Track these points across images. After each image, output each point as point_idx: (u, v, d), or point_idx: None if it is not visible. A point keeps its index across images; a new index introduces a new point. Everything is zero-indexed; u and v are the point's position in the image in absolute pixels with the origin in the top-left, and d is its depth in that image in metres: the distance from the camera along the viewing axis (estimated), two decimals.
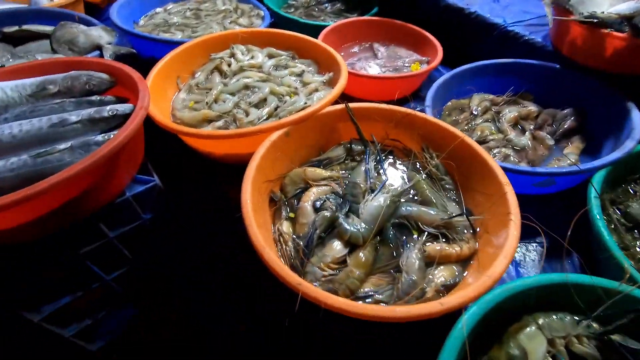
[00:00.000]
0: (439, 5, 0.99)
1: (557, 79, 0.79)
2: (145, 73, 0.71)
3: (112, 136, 0.54)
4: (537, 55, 0.82)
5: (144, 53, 0.91)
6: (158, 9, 1.07)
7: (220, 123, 0.71)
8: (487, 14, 0.91)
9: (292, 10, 1.21)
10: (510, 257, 0.45)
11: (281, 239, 0.57)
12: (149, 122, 0.65)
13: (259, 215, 0.54)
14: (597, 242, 0.51)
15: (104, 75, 0.67)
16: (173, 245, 0.71)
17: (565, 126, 0.75)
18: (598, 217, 0.52)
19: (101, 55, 0.79)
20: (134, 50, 0.85)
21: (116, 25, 0.90)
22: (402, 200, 0.60)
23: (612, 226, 0.57)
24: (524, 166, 0.66)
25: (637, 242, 0.55)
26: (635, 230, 0.57)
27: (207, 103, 0.74)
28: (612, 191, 0.62)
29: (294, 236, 0.57)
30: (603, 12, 0.67)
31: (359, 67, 0.95)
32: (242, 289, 0.71)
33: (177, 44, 0.81)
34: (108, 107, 0.62)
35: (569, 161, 0.67)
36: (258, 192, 0.56)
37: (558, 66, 0.78)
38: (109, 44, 0.82)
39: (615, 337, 0.40)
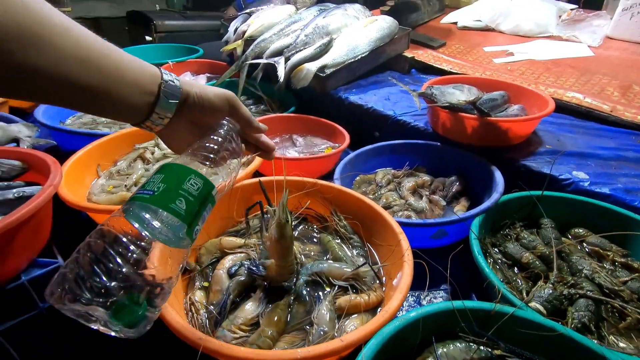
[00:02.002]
0: (344, 103, 1.19)
1: (441, 153, 0.95)
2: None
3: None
4: (423, 136, 1.00)
5: (68, 147, 0.92)
6: None
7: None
8: (381, 108, 1.11)
9: None
10: (404, 291, 0.49)
11: (192, 308, 0.55)
12: (61, 207, 0.65)
13: None
14: (481, 276, 0.58)
15: (15, 162, 0.68)
16: (74, 339, 0.64)
17: (453, 190, 0.88)
18: (478, 253, 0.60)
19: (17, 146, 0.80)
20: (54, 142, 0.87)
21: (40, 122, 0.93)
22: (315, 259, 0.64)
23: (497, 266, 0.65)
24: (417, 219, 0.74)
25: (518, 276, 0.63)
26: (515, 267, 0.66)
27: (125, 186, 0.76)
28: (492, 236, 0.72)
29: (207, 305, 0.56)
30: (459, 100, 0.87)
31: (280, 154, 1.06)
32: None
33: (99, 135, 0.86)
34: (14, 190, 0.61)
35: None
36: None
37: (439, 144, 0.95)
38: (29, 137, 0.84)
39: (501, 352, 0.44)
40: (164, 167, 0.38)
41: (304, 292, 0.58)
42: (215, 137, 0.42)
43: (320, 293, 0.58)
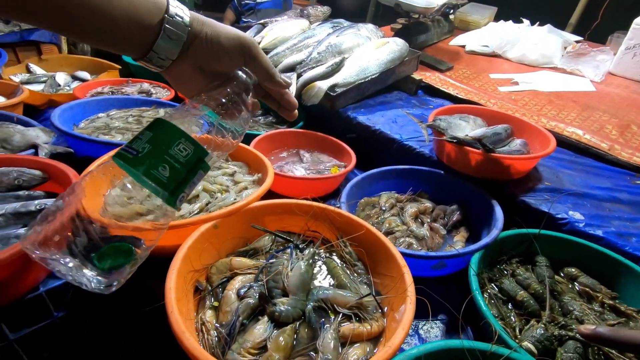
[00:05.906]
0: (351, 122, 1.22)
1: (443, 181, 0.99)
2: (82, 172, 0.75)
3: None
4: (427, 163, 1.03)
5: (82, 153, 0.94)
6: (101, 114, 1.15)
7: (150, 217, 0.74)
8: (388, 131, 1.14)
9: None
10: (407, 327, 0.52)
11: (203, 328, 0.58)
12: None
13: (182, 304, 0.56)
14: (478, 312, 0.61)
15: (36, 172, 0.70)
16: (85, 347, 0.66)
17: (454, 219, 0.92)
18: (476, 290, 0.63)
19: (36, 154, 0.82)
20: (71, 150, 0.89)
21: (54, 126, 0.95)
22: (319, 283, 0.67)
23: (492, 301, 0.69)
24: (420, 251, 0.78)
25: (512, 313, 0.66)
26: (510, 303, 0.69)
27: (139, 199, 0.78)
28: (489, 271, 0.75)
29: (217, 324, 0.59)
30: (466, 135, 0.91)
31: (287, 169, 1.09)
32: None
33: (115, 145, 0.88)
34: (36, 202, 0.64)
35: (457, 247, 0.81)
36: (183, 282, 0.59)
37: (442, 172, 0.99)
38: (46, 143, 0.86)
39: None
40: (156, 123, 0.34)
41: (312, 316, 0.61)
42: (219, 91, 0.37)
43: (325, 319, 0.61)
